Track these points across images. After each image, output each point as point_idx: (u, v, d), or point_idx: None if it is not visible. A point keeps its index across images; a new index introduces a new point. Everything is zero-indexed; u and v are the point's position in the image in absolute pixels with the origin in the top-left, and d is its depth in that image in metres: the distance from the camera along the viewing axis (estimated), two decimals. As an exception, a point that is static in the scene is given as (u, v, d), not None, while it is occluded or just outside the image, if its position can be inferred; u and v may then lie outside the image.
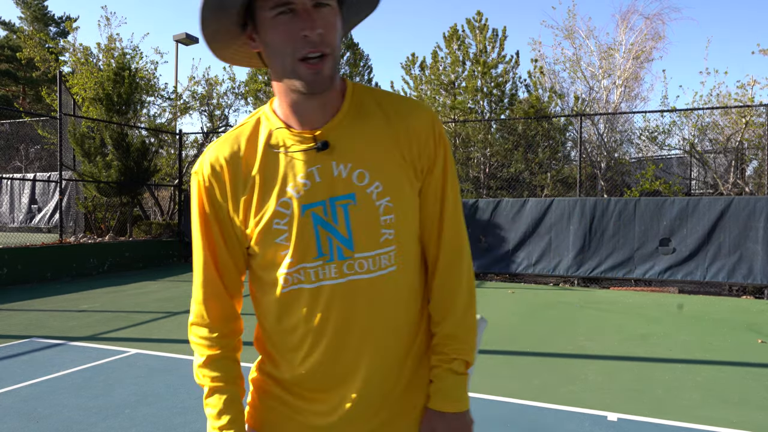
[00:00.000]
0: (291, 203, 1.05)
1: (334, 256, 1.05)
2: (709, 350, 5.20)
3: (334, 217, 1.05)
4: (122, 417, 3.35)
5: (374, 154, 1.06)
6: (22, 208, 13.91)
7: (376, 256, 1.06)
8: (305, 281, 1.06)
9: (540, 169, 12.47)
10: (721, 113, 11.25)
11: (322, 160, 1.05)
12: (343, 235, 1.05)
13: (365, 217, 1.05)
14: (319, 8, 0.98)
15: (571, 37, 14.30)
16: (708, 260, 8.69)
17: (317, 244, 1.05)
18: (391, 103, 1.10)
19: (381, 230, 1.06)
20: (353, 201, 1.05)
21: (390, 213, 1.06)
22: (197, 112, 15.13)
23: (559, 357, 4.87)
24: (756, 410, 3.60)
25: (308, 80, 0.98)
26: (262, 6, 0.98)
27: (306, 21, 0.96)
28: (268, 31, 0.99)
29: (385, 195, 1.06)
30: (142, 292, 8.26)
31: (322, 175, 1.05)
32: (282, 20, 0.97)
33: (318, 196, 1.05)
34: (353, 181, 1.05)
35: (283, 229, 1.06)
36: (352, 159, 1.05)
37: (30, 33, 25.93)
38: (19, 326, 5.85)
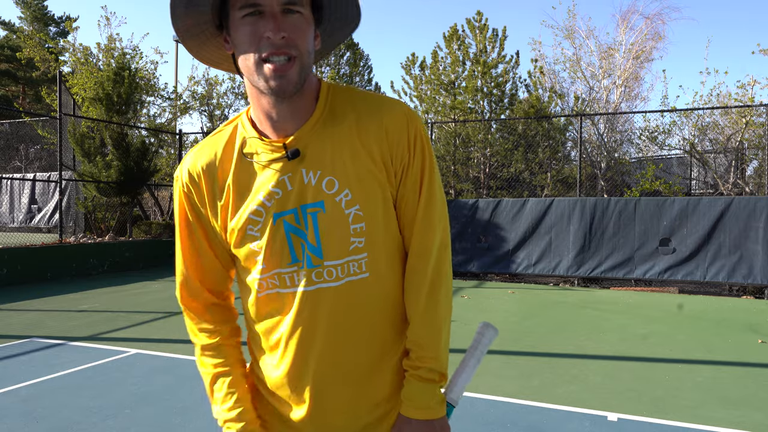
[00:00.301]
0: (263, 211, 1.06)
1: (304, 264, 1.06)
2: (709, 350, 5.20)
3: (305, 224, 1.06)
4: (122, 417, 3.35)
5: (344, 161, 1.05)
6: (22, 208, 13.91)
7: (344, 263, 1.06)
8: (280, 286, 1.08)
9: (540, 169, 12.47)
10: (721, 113, 11.26)
11: (293, 168, 1.05)
12: (312, 244, 1.06)
13: (334, 225, 1.05)
14: (288, 14, 0.98)
15: (571, 37, 14.30)
16: (708, 260, 8.69)
17: (290, 250, 1.06)
18: (364, 104, 1.09)
19: (350, 238, 1.06)
20: (322, 209, 1.05)
21: (360, 222, 1.06)
22: (197, 112, 15.14)
23: (559, 357, 4.87)
24: (756, 410, 3.60)
25: (272, 82, 0.98)
26: (233, 5, 1.00)
27: (271, 23, 0.96)
28: (236, 31, 1.00)
29: (354, 203, 1.05)
30: (142, 292, 8.26)
31: (293, 182, 1.05)
32: (249, 21, 0.98)
33: (289, 204, 1.06)
34: (323, 189, 1.05)
35: (256, 235, 1.07)
36: (321, 166, 1.05)
37: (30, 33, 25.93)
38: (19, 326, 5.85)
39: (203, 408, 3.52)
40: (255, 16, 0.98)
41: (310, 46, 1.02)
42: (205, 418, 3.34)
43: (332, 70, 15.63)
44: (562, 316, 6.78)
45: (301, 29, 0.99)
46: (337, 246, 1.06)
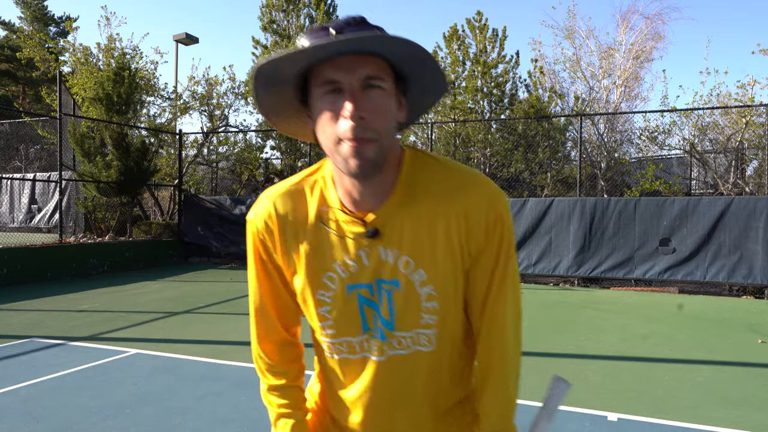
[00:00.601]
0: (336, 278, 1.08)
1: (377, 335, 1.09)
2: (709, 350, 5.20)
3: (379, 298, 1.07)
4: (122, 417, 3.35)
5: (421, 242, 1.05)
6: (22, 208, 13.91)
7: (414, 335, 1.09)
8: (348, 352, 1.12)
9: (540, 169, 12.47)
10: (721, 113, 11.25)
11: (371, 244, 1.05)
12: (385, 318, 1.08)
13: (407, 302, 1.07)
14: (370, 90, 0.94)
15: (571, 37, 14.30)
16: (708, 260, 8.69)
17: (363, 320, 1.09)
18: (446, 182, 1.06)
19: (422, 315, 1.08)
20: (397, 287, 1.06)
21: (432, 300, 1.07)
22: (197, 112, 15.13)
23: (559, 357, 4.87)
24: (756, 410, 3.60)
25: (350, 163, 0.95)
26: (313, 83, 0.98)
27: (349, 103, 0.93)
28: (316, 108, 0.98)
29: (428, 283, 1.06)
30: (142, 292, 8.26)
31: (370, 258, 1.06)
32: (329, 99, 0.95)
33: (364, 278, 1.07)
34: (399, 268, 1.06)
35: (328, 301, 1.09)
36: (399, 245, 1.05)
37: (30, 33, 25.93)
38: (19, 326, 5.85)
39: (203, 408, 3.52)
40: (334, 94, 0.95)
41: (391, 124, 0.98)
42: (205, 418, 3.34)
43: (332, 70, 15.62)
44: (562, 316, 6.78)
45: (382, 107, 0.95)
46: (408, 321, 1.08)
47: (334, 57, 0.94)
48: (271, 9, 15.64)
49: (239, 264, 12.17)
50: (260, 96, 1.01)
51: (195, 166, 15.38)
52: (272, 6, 15.61)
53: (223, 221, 12.28)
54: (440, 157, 1.10)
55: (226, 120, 15.40)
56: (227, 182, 16.70)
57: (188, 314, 6.62)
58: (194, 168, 15.40)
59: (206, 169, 16.19)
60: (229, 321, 6.27)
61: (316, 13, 15.40)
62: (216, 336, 5.51)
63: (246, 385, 3.97)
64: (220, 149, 15.30)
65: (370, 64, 0.94)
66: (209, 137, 14.97)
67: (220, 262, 12.46)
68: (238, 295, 8.06)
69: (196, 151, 15.02)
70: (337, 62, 0.94)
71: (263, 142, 15.34)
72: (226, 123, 15.42)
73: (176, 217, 13.92)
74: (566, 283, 9.93)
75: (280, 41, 15.46)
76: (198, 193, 14.49)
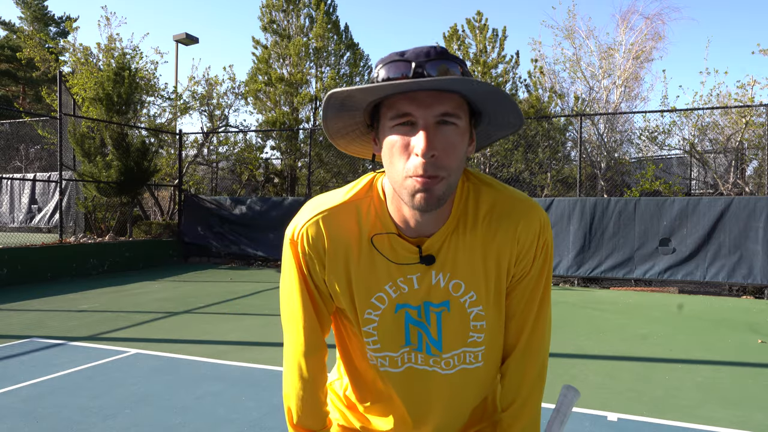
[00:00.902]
0: (386, 299, 1.08)
1: (422, 348, 1.10)
2: (709, 350, 5.20)
3: (427, 319, 1.09)
4: (122, 417, 3.35)
5: (473, 266, 1.07)
6: (22, 208, 13.90)
7: (460, 353, 1.11)
8: (389, 366, 1.13)
9: (540, 169, 12.47)
10: (721, 113, 11.25)
11: (423, 269, 1.06)
12: (434, 337, 1.09)
13: (456, 323, 1.09)
14: (444, 126, 0.92)
15: (571, 37, 14.29)
16: (708, 260, 8.69)
17: (406, 336, 1.10)
18: (501, 209, 1.06)
19: (470, 333, 1.10)
20: (447, 309, 1.08)
21: (480, 320, 1.09)
22: (197, 112, 15.12)
23: (558, 357, 4.87)
24: (756, 410, 3.60)
25: (416, 198, 0.93)
26: (384, 113, 0.96)
27: (422, 139, 0.90)
28: (385, 138, 0.96)
29: (477, 304, 1.08)
30: (142, 292, 8.26)
31: (421, 282, 1.07)
32: (400, 130, 0.93)
33: (414, 300, 1.08)
34: (449, 291, 1.07)
35: (374, 319, 1.10)
36: (451, 269, 1.06)
37: (30, 33, 25.93)
38: (19, 326, 5.85)
39: (203, 408, 3.52)
40: (407, 126, 0.93)
41: (461, 161, 0.96)
42: (205, 418, 3.35)
43: (332, 70, 15.61)
44: (562, 316, 6.78)
45: (454, 145, 0.93)
46: (456, 340, 1.10)
47: (411, 91, 0.92)
48: (271, 9, 15.63)
49: (239, 264, 12.17)
50: (329, 119, 1.00)
51: (195, 166, 15.38)
52: (272, 6, 15.61)
53: (223, 221, 12.28)
54: (492, 181, 1.10)
55: (226, 120, 15.40)
56: (227, 182, 16.70)
57: (188, 314, 6.63)
58: (194, 168, 15.39)
59: (206, 169, 16.19)
60: (229, 321, 6.27)
61: (316, 13, 15.39)
62: (216, 336, 5.51)
63: (246, 385, 3.97)
64: (220, 149, 15.30)
65: (447, 102, 0.92)
66: (209, 137, 14.97)
67: (220, 262, 12.46)
68: (238, 295, 8.06)
69: (196, 151, 15.02)
70: (414, 97, 0.91)
71: (263, 142, 15.34)
72: (226, 123, 15.42)
73: (176, 217, 13.92)
74: (566, 283, 9.93)
75: (280, 41, 15.46)
76: (198, 193, 14.49)
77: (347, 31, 16.42)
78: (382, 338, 1.10)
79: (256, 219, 11.94)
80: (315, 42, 15.19)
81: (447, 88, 0.90)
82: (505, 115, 1.00)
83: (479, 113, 1.01)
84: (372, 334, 1.11)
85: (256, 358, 4.70)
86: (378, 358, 1.12)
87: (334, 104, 0.97)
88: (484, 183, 1.09)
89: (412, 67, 0.92)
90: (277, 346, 5.08)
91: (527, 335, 1.13)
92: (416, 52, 0.93)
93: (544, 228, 1.08)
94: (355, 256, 1.07)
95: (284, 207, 11.75)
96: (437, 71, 0.92)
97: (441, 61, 0.93)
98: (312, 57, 15.40)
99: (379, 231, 1.05)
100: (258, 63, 15.61)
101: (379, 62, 0.96)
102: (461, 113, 0.94)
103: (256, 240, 11.89)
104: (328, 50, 15.70)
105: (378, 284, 1.07)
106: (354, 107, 0.98)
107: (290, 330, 1.14)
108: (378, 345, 1.11)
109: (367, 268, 1.07)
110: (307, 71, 15.30)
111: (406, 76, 0.91)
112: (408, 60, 0.92)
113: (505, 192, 1.08)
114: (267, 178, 15.66)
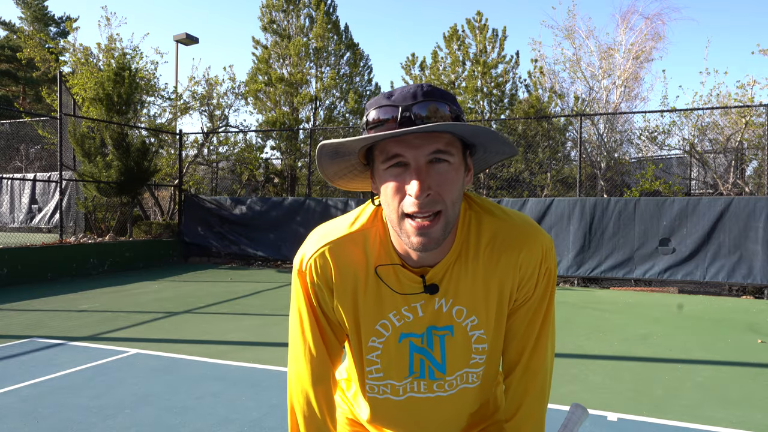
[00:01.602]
0: (390, 327, 1.10)
1: (425, 375, 1.12)
2: (709, 350, 5.20)
3: (430, 344, 1.10)
4: (122, 417, 3.35)
5: (475, 292, 1.08)
6: (22, 208, 13.90)
7: (462, 374, 1.14)
8: (391, 394, 1.14)
9: (540, 169, 12.47)
10: (721, 113, 11.25)
11: (428, 297, 1.07)
12: (437, 361, 1.11)
13: (459, 346, 1.11)
14: (437, 164, 0.94)
15: (571, 37, 14.29)
16: (708, 260, 8.69)
17: (410, 365, 1.12)
18: (502, 236, 1.07)
19: (472, 355, 1.13)
20: (450, 333, 1.10)
21: (482, 343, 1.12)
22: (197, 112, 15.12)
23: (559, 357, 4.87)
24: (756, 410, 3.60)
25: (414, 240, 0.95)
26: (377, 156, 0.97)
27: (415, 181, 0.91)
28: (380, 180, 0.98)
29: (479, 327, 1.10)
30: (142, 292, 8.26)
31: (425, 309, 1.08)
32: (393, 173, 0.95)
33: (418, 328, 1.09)
34: (452, 316, 1.09)
35: (378, 347, 1.11)
36: (454, 296, 1.08)
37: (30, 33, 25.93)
38: (19, 326, 5.85)
39: (203, 408, 3.52)
40: (399, 167, 0.94)
41: (458, 195, 0.97)
42: (205, 418, 3.35)
43: (332, 70, 15.61)
44: (562, 316, 6.78)
45: (449, 180, 0.94)
46: (459, 363, 1.13)
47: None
48: (271, 9, 15.64)
49: (239, 264, 12.17)
50: (324, 165, 1.02)
51: (195, 166, 15.38)
52: (272, 6, 15.61)
53: (224, 221, 12.28)
54: (493, 207, 1.10)
55: (226, 120, 15.40)
56: (227, 182, 16.70)
57: (188, 314, 6.63)
58: (194, 168, 15.40)
59: (206, 169, 16.19)
60: (229, 321, 6.27)
61: (316, 14, 15.39)
62: (216, 336, 5.51)
63: (246, 385, 3.97)
64: (220, 149, 15.31)
65: (438, 140, 0.93)
66: (209, 137, 14.97)
67: (220, 262, 12.46)
68: (238, 295, 8.06)
69: (196, 151, 15.02)
70: (404, 139, 0.93)
71: (263, 142, 15.34)
72: (226, 123, 15.41)
73: (176, 217, 13.92)
74: (566, 283, 9.93)
75: (280, 41, 15.45)
76: (198, 193, 14.49)
77: (347, 31, 16.42)
78: (386, 367, 1.12)
79: (256, 219, 11.95)
80: (315, 42, 15.19)
81: (433, 131, 0.91)
82: (496, 146, 1.02)
83: (473, 146, 1.03)
84: (375, 362, 1.12)
85: (256, 358, 4.70)
86: (380, 386, 1.14)
87: (327, 152, 0.98)
88: (485, 211, 1.09)
89: (399, 111, 0.92)
90: (276, 346, 5.08)
91: (528, 356, 1.15)
92: (403, 94, 0.94)
93: (546, 255, 1.09)
94: (362, 285, 1.08)
95: (284, 207, 11.75)
96: (426, 112, 0.92)
97: (428, 102, 0.93)
98: (312, 57, 15.41)
99: (383, 262, 1.06)
100: (258, 63, 15.61)
101: (369, 105, 0.97)
102: (453, 150, 0.95)
103: (256, 240, 11.89)
104: (328, 50, 15.70)
105: (384, 312, 1.09)
106: (347, 153, 1.00)
107: (297, 359, 1.14)
108: (381, 374, 1.13)
109: (373, 297, 1.08)
110: (307, 71, 15.31)
111: (394, 118, 0.92)
112: (395, 104, 0.93)
113: (507, 220, 1.08)
114: (267, 178, 15.66)
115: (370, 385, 1.14)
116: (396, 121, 0.92)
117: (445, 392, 1.14)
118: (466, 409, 1.20)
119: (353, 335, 1.12)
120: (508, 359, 1.18)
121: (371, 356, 1.12)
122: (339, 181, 1.09)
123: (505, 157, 1.08)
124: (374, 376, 1.13)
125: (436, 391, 1.14)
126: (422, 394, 1.14)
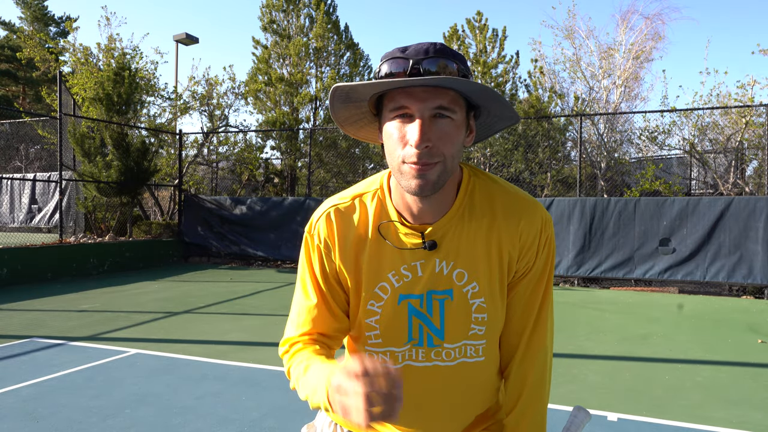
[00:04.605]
0: (388, 288, 1.10)
1: (423, 342, 1.12)
2: (709, 350, 5.20)
3: (429, 309, 1.11)
4: (122, 417, 3.35)
5: (476, 256, 1.09)
6: (22, 208, 13.90)
7: (461, 346, 1.13)
8: (391, 362, 1.13)
9: (540, 169, 12.46)
10: (721, 113, 11.25)
11: (427, 255, 1.09)
12: (436, 326, 1.11)
13: (458, 312, 1.11)
14: (439, 119, 0.98)
15: (571, 37, 14.29)
16: (708, 260, 8.69)
17: (409, 330, 1.12)
18: (503, 203, 1.10)
19: (471, 325, 1.12)
20: (450, 297, 1.10)
21: (482, 312, 1.11)
22: (197, 112, 15.12)
23: (558, 357, 4.87)
24: (756, 410, 3.60)
25: (412, 182, 0.99)
26: (386, 105, 1.02)
27: (417, 131, 0.96)
28: (385, 127, 1.02)
29: (480, 295, 1.10)
30: (142, 292, 8.26)
31: (425, 269, 1.09)
32: (399, 122, 0.99)
33: (417, 289, 1.10)
34: (453, 279, 1.10)
35: (376, 311, 1.12)
36: (455, 258, 1.09)
37: (30, 33, 25.93)
38: (19, 326, 5.85)
39: (203, 408, 3.52)
40: (405, 118, 0.99)
41: (457, 150, 1.01)
42: (205, 418, 3.34)
43: (332, 70, 15.60)
44: (562, 316, 6.78)
45: (449, 135, 0.99)
46: (458, 331, 1.12)
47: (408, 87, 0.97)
48: (271, 9, 15.63)
49: (239, 264, 12.17)
50: (336, 109, 1.06)
51: (195, 166, 15.38)
52: (272, 6, 15.60)
53: (223, 221, 12.28)
54: (497, 178, 1.15)
55: (226, 120, 15.39)
56: (227, 182, 16.70)
57: (188, 314, 6.63)
58: (194, 168, 15.39)
59: (206, 169, 16.19)
60: (229, 321, 6.27)
61: (316, 13, 15.39)
62: (216, 336, 5.51)
63: (246, 385, 3.97)
64: (220, 149, 15.31)
65: (443, 96, 0.97)
66: (209, 137, 14.97)
67: (220, 262, 12.46)
68: (238, 295, 8.06)
69: (196, 151, 15.02)
70: (411, 92, 0.97)
71: (263, 142, 15.34)
72: (226, 123, 15.41)
73: (176, 217, 13.92)
74: (566, 283, 9.94)
75: (280, 41, 15.45)
76: (198, 193, 14.49)
77: (347, 31, 16.42)
78: (385, 332, 1.12)
79: (256, 219, 11.95)
80: (315, 42, 15.19)
81: (438, 85, 0.96)
82: (499, 109, 1.06)
83: (477, 107, 1.07)
84: (374, 327, 1.12)
85: (256, 358, 4.70)
86: (380, 354, 1.13)
87: (339, 96, 1.03)
88: (490, 179, 1.14)
89: (410, 64, 0.97)
90: (276, 346, 5.08)
91: (528, 335, 1.15)
92: (416, 49, 0.99)
93: (546, 225, 1.11)
94: (364, 247, 1.11)
95: (284, 207, 11.75)
96: (436, 67, 0.97)
97: (438, 59, 0.98)
98: (312, 57, 15.40)
99: (383, 220, 1.11)
100: (258, 63, 15.61)
101: (383, 57, 1.02)
102: (456, 107, 0.99)
103: (256, 240, 11.89)
104: (328, 50, 15.70)
105: (383, 273, 1.10)
106: (358, 99, 1.05)
107: (298, 313, 1.15)
108: (380, 340, 1.13)
109: (374, 257, 1.11)
110: (307, 71, 15.30)
111: (405, 71, 0.98)
112: (407, 57, 0.98)
113: (510, 190, 1.13)
114: (267, 178, 15.66)
115: (371, 353, 1.15)
116: (406, 73, 0.98)
117: (442, 362, 1.12)
118: (468, 394, 1.17)
119: (354, 297, 1.13)
120: (507, 343, 1.17)
121: (370, 320, 1.12)
122: (349, 127, 1.13)
123: (508, 123, 1.11)
124: (373, 342, 1.13)
125: (434, 360, 1.12)
126: (420, 362, 1.13)
